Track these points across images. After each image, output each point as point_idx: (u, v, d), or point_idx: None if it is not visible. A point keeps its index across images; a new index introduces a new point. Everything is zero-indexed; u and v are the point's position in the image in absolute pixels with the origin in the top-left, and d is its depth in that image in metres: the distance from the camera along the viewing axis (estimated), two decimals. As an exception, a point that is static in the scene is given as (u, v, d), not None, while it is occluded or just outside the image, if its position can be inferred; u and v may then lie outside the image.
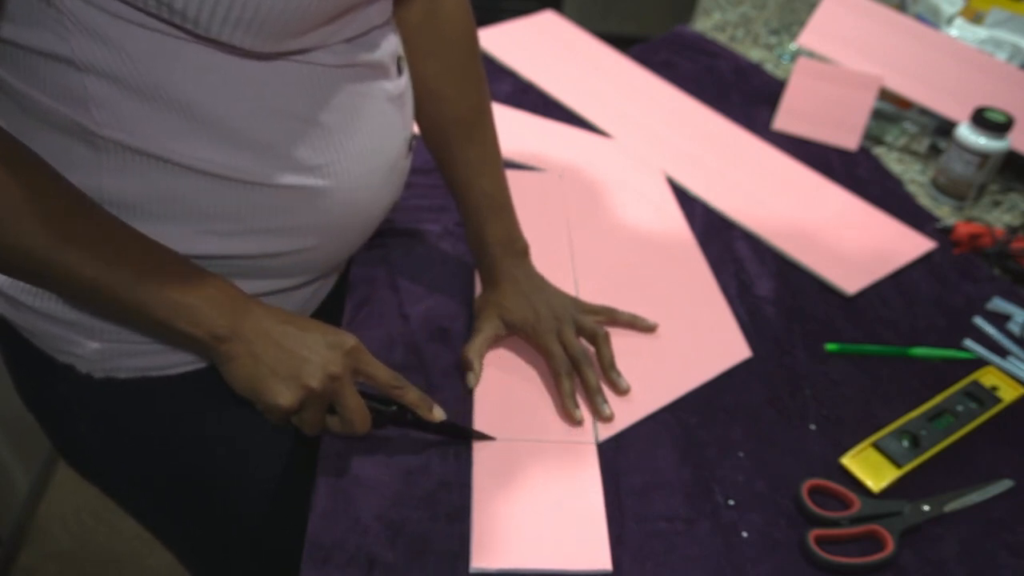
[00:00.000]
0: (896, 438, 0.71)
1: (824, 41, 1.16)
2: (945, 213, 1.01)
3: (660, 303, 0.81)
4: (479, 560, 0.59)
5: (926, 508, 0.66)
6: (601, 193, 0.96)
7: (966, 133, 0.98)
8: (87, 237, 0.51)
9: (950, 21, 1.21)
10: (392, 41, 0.64)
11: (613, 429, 0.69)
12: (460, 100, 0.73)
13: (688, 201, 0.97)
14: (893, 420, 0.73)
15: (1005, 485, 0.69)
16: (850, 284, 0.87)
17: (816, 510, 0.65)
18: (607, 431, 0.69)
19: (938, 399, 0.75)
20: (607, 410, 0.70)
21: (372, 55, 0.60)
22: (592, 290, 0.82)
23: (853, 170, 1.05)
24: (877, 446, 0.70)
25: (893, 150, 1.11)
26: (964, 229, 0.94)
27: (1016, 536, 0.66)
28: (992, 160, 0.98)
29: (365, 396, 0.61)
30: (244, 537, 0.81)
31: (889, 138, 1.12)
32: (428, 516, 0.62)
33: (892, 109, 1.15)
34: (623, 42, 1.27)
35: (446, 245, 0.86)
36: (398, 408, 0.63)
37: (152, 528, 0.82)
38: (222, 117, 0.53)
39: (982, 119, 0.97)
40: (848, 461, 0.69)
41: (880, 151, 1.10)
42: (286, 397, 0.56)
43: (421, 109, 0.73)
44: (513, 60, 1.18)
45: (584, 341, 0.73)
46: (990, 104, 1.03)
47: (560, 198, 0.94)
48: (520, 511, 0.62)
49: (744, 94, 1.17)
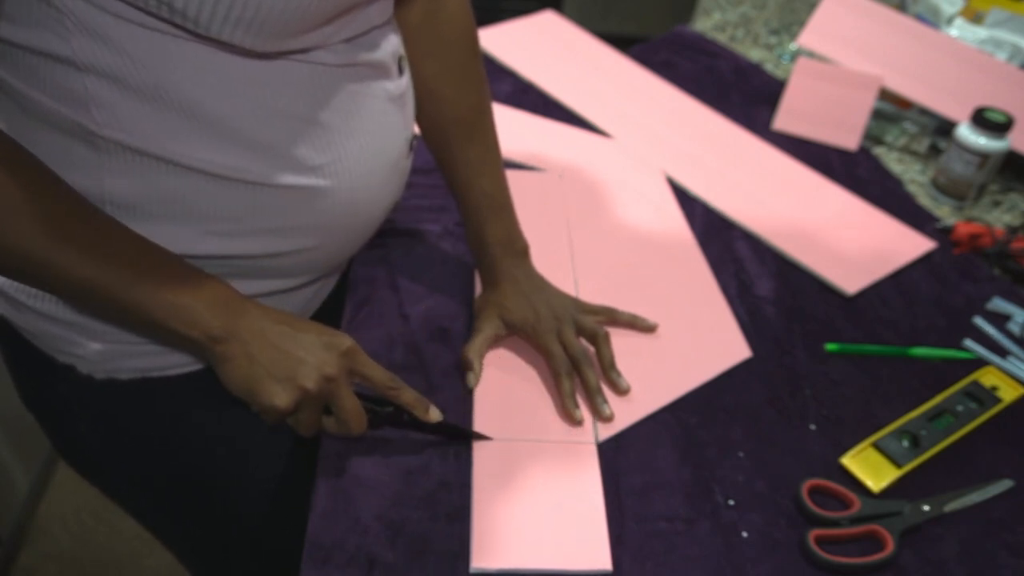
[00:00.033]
0: (896, 438, 0.71)
1: (824, 41, 1.16)
2: (945, 213, 1.01)
3: (660, 303, 0.81)
4: (479, 560, 0.59)
5: (926, 508, 0.66)
6: (601, 193, 0.96)
7: (966, 133, 0.98)
8: (85, 239, 0.51)
9: (950, 21, 1.21)
10: (393, 41, 0.64)
11: (613, 429, 0.70)
12: (460, 100, 0.73)
13: (688, 201, 0.97)
14: (893, 420, 0.73)
15: (1005, 485, 0.69)
16: (850, 284, 0.87)
17: (816, 510, 0.65)
18: (607, 431, 0.69)
19: (938, 399, 0.75)
20: (607, 410, 0.70)
21: (373, 55, 0.60)
22: (592, 290, 0.82)
23: (853, 170, 1.05)
24: (877, 446, 0.70)
25: (893, 150, 1.11)
26: (964, 229, 0.94)
27: (1016, 536, 0.66)
28: (992, 160, 0.98)
29: (361, 397, 0.60)
30: (244, 537, 0.81)
31: (889, 138, 1.12)
32: (428, 516, 0.62)
33: (892, 109, 1.15)
34: (623, 42, 1.27)
35: (446, 245, 0.86)
36: (394, 409, 0.63)
37: (152, 528, 0.82)
38: (223, 117, 0.53)
39: (982, 119, 0.97)
40: (848, 461, 0.69)
41: (880, 151, 1.10)
42: (282, 398, 0.56)
43: (421, 109, 0.73)
44: (513, 60, 1.18)
45: (584, 341, 0.74)
46: (990, 104, 1.03)
47: (560, 198, 0.94)
48: (520, 511, 0.62)
49: (744, 94, 1.17)
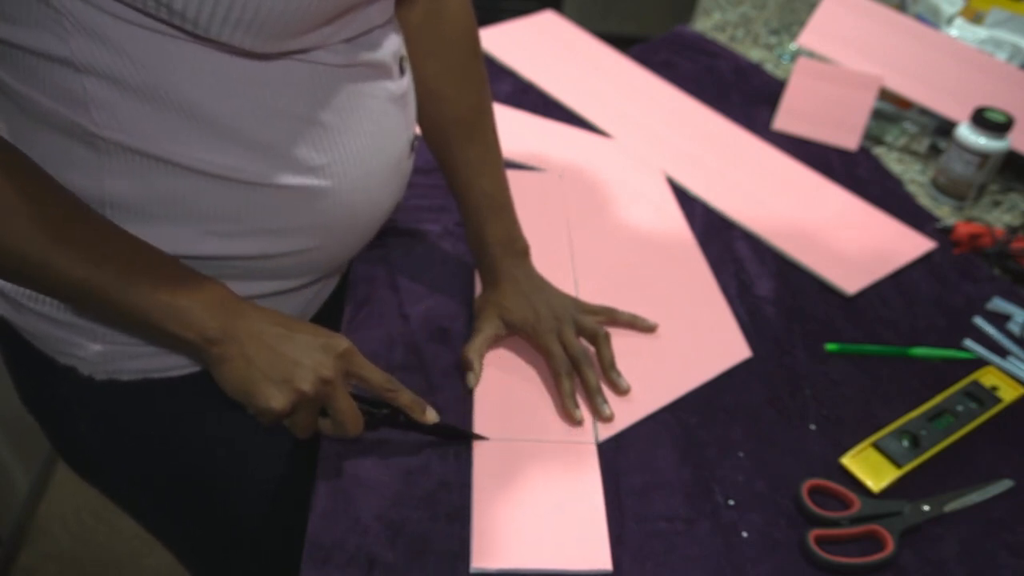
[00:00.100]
0: (896, 438, 0.71)
1: (824, 41, 1.16)
2: (945, 213, 1.01)
3: (660, 303, 0.81)
4: (479, 560, 0.59)
5: (926, 508, 0.66)
6: (601, 193, 0.96)
7: (966, 133, 0.98)
8: (82, 241, 0.51)
9: (950, 21, 1.21)
10: (394, 41, 0.64)
11: (613, 429, 0.70)
12: (460, 100, 0.73)
13: (688, 201, 0.97)
14: (893, 420, 0.73)
15: (1005, 485, 0.69)
16: (850, 284, 0.87)
17: (816, 510, 0.65)
18: (607, 431, 0.69)
19: (938, 399, 0.75)
20: (607, 410, 0.70)
21: (373, 55, 0.60)
22: (592, 290, 0.82)
23: (853, 170, 1.05)
24: (877, 446, 0.70)
25: (893, 150, 1.11)
26: (964, 229, 0.94)
27: (1016, 536, 0.66)
28: (992, 160, 0.98)
29: (357, 398, 0.60)
30: (244, 537, 0.81)
31: (889, 138, 1.12)
32: (428, 516, 0.62)
33: (892, 109, 1.15)
34: (623, 42, 1.27)
35: (446, 245, 0.86)
36: (391, 410, 0.63)
37: (152, 529, 0.82)
38: (222, 117, 0.53)
39: (982, 119, 0.97)
40: (848, 461, 0.69)
41: (880, 151, 1.10)
42: (278, 401, 0.55)
43: (422, 109, 0.73)
44: (513, 60, 1.18)
45: (584, 341, 0.74)
46: (990, 104, 1.03)
47: (560, 198, 0.94)
48: (520, 511, 0.62)
49: (744, 94, 1.17)
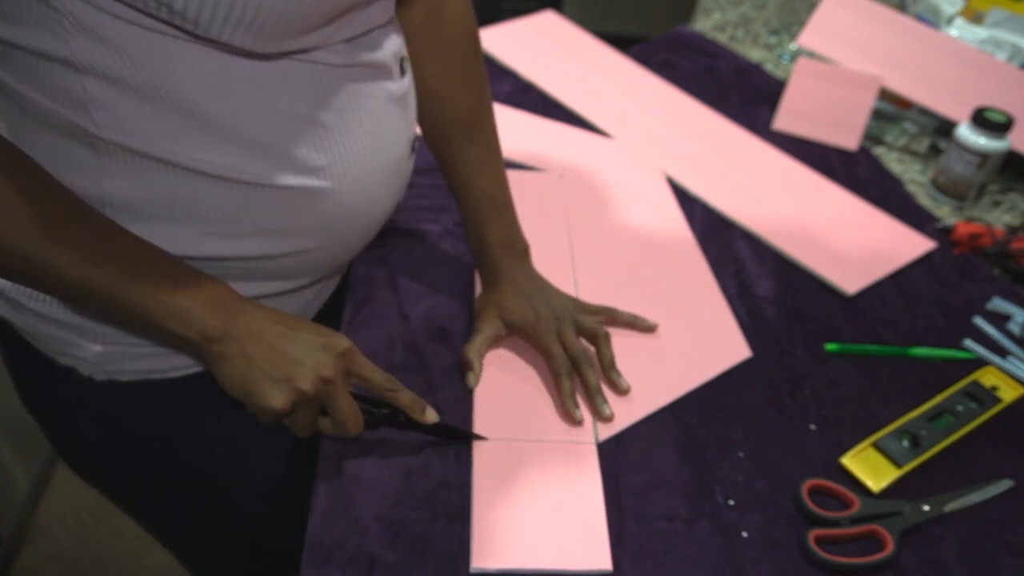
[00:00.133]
0: (896, 438, 0.71)
1: (824, 41, 1.16)
2: (945, 213, 1.01)
3: (660, 303, 0.81)
4: (479, 560, 0.59)
5: (926, 508, 0.66)
6: (601, 193, 0.96)
7: (966, 133, 0.98)
8: (82, 240, 0.51)
9: (950, 21, 1.21)
10: (395, 41, 0.64)
11: (613, 429, 0.69)
12: (460, 100, 0.73)
13: (688, 201, 0.97)
14: (893, 420, 0.73)
15: (1005, 485, 0.69)
16: (850, 284, 0.87)
17: (816, 510, 0.65)
18: (607, 431, 0.69)
19: (938, 399, 0.75)
20: (607, 410, 0.70)
21: (374, 55, 0.60)
22: (592, 290, 0.82)
23: (853, 170, 1.05)
24: (877, 446, 0.70)
25: (893, 150, 1.11)
26: (964, 229, 0.94)
27: (1016, 536, 0.66)
28: (992, 160, 0.98)
29: (357, 398, 0.60)
30: (244, 537, 0.81)
31: (889, 138, 1.12)
32: (428, 516, 0.62)
33: (892, 109, 1.15)
34: (623, 42, 1.27)
35: (446, 245, 0.86)
36: (391, 410, 0.63)
37: (152, 529, 0.82)
38: (222, 117, 0.53)
39: (982, 119, 0.97)
40: (848, 461, 0.69)
41: (880, 151, 1.10)
42: (278, 400, 0.55)
43: (422, 109, 0.73)
44: (513, 60, 1.18)
45: (584, 341, 0.74)
46: (990, 104, 1.03)
47: (560, 198, 0.94)
48: (520, 511, 0.62)
49: (744, 94, 1.17)
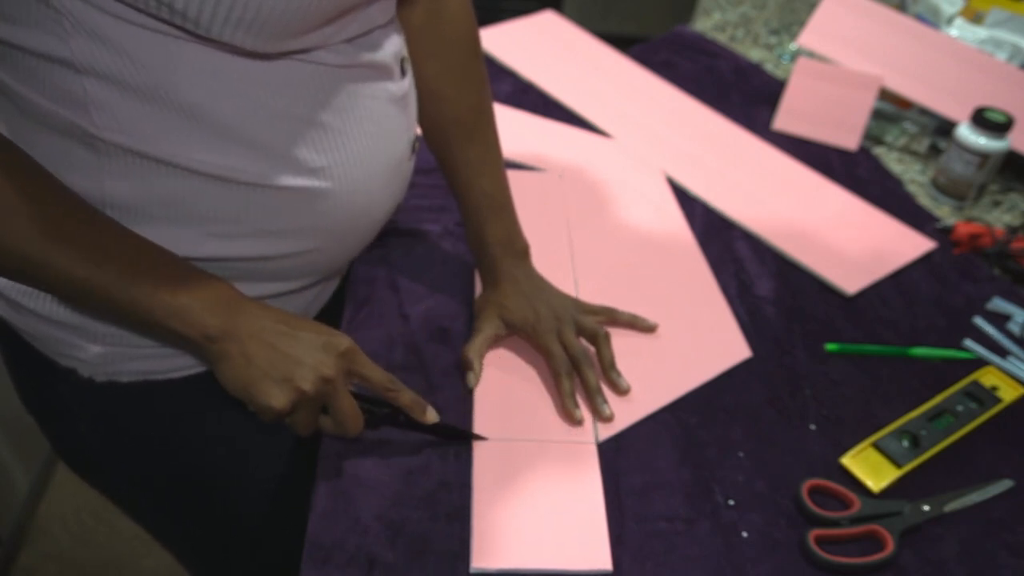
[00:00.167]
0: (896, 438, 0.71)
1: (824, 41, 1.16)
2: (945, 213, 1.01)
3: (660, 303, 0.81)
4: (479, 560, 0.59)
5: (926, 508, 0.66)
6: (601, 193, 0.96)
7: (966, 133, 0.98)
8: (83, 239, 0.51)
9: (950, 21, 1.21)
10: (395, 42, 0.64)
11: (613, 429, 0.70)
12: (460, 100, 0.73)
13: (688, 201, 0.97)
14: (893, 420, 0.73)
15: (1005, 485, 0.69)
16: (850, 284, 0.87)
17: (816, 510, 0.65)
18: (607, 431, 0.69)
19: (938, 399, 0.75)
20: (607, 410, 0.70)
21: (374, 55, 0.60)
22: (592, 290, 0.82)
23: (853, 170, 1.05)
24: (877, 446, 0.70)
25: (893, 150, 1.11)
26: (964, 229, 0.94)
27: (1016, 536, 0.66)
28: (992, 160, 0.98)
29: (358, 397, 0.60)
30: (244, 537, 0.81)
31: (889, 138, 1.12)
32: (428, 516, 0.62)
33: (892, 109, 1.15)
34: (623, 42, 1.27)
35: (446, 245, 0.86)
36: (391, 409, 0.63)
37: (152, 529, 0.82)
38: (223, 118, 0.53)
39: (982, 119, 0.97)
40: (848, 461, 0.69)
41: (880, 151, 1.10)
42: (279, 399, 0.55)
43: (422, 109, 0.73)
44: (513, 60, 1.18)
45: (584, 341, 0.74)
46: (990, 104, 1.03)
47: (560, 198, 0.94)
48: (520, 511, 0.62)
49: (744, 94, 1.17)
